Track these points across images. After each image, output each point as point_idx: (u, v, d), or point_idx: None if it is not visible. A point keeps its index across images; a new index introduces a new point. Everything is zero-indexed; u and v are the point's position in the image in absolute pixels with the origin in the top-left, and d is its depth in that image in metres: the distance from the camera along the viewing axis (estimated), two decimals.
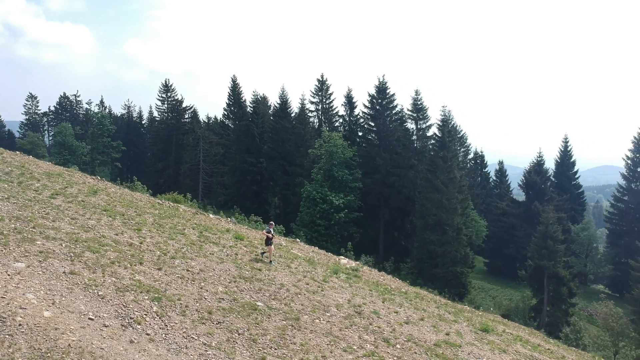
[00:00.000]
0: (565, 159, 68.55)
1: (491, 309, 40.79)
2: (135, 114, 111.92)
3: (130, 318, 10.41)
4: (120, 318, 10.31)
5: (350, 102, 61.37)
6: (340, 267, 19.65)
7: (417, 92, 55.45)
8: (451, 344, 14.84)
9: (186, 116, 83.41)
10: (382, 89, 56.45)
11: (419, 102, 55.54)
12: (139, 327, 10.19)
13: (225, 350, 10.38)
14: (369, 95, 57.18)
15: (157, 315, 10.88)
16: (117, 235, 14.99)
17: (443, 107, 56.29)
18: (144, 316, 10.67)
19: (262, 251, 17.81)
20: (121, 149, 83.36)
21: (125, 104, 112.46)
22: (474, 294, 48.46)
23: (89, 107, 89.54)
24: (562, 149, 69.03)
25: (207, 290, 13.06)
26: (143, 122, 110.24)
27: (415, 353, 13.51)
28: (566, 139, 69.42)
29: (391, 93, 56.60)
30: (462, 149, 79.54)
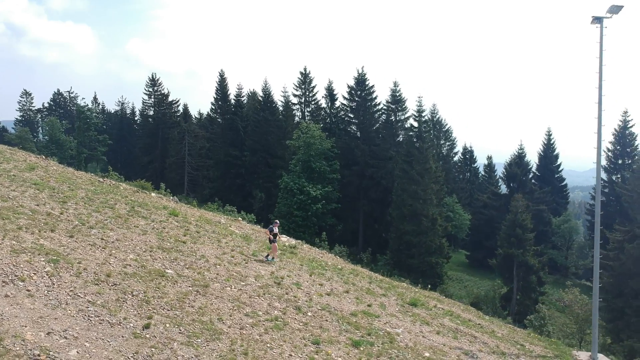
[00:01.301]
0: (549, 153, 68.64)
1: (463, 299, 40.96)
2: (128, 111, 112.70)
3: (15, 276, 10.45)
4: (3, 276, 10.35)
5: (331, 95, 61.41)
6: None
7: (395, 84, 55.59)
8: (369, 314, 14.90)
9: (172, 110, 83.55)
10: (361, 80, 56.50)
11: (397, 94, 55.62)
12: (21, 284, 10.23)
13: (109, 308, 10.41)
14: (348, 87, 57.36)
15: (47, 275, 10.92)
16: (37, 205, 15.05)
17: (419, 97, 56.32)
18: (32, 275, 10.71)
19: (267, 254, 17.39)
20: (107, 142, 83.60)
21: (119, 101, 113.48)
22: (448, 284, 48.59)
23: (76, 102, 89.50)
24: (545, 143, 69.13)
25: (115, 257, 13.10)
26: (136, 119, 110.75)
27: (326, 320, 13.56)
28: (549, 132, 69.54)
29: (370, 85, 56.70)
30: (448, 143, 79.85)
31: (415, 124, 52.61)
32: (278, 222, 17.81)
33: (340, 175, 55.11)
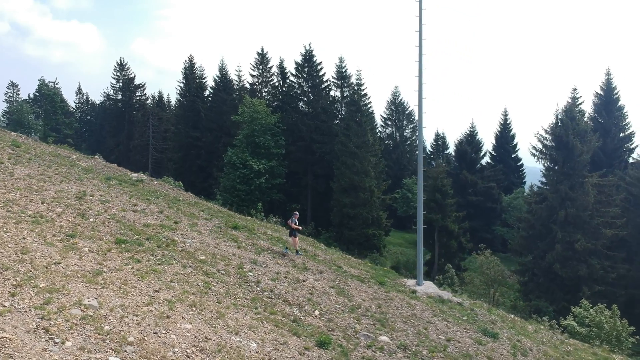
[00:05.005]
0: (505, 132, 69.05)
1: (387, 263, 41.56)
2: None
3: None
4: None
5: (282, 73, 61.90)
6: (118, 177, 20.17)
7: (341, 60, 56.09)
8: (166, 227, 15.34)
9: (138, 94, 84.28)
10: (308, 57, 56.96)
11: (343, 70, 56.04)
12: None
13: None
14: (296, 63, 57.77)
15: None
16: None
17: (358, 71, 56.77)
18: None
19: (286, 247, 17.08)
20: (74, 125, 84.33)
21: (104, 92, 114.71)
22: (386, 255, 49.10)
23: (42, 83, 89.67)
24: (502, 123, 69.51)
25: None
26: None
27: (106, 226, 13.93)
28: (505, 112, 69.98)
29: (318, 62, 57.12)
30: (411, 125, 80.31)
31: (354, 97, 53.06)
32: (297, 213, 16.79)
33: (287, 151, 55.61)
